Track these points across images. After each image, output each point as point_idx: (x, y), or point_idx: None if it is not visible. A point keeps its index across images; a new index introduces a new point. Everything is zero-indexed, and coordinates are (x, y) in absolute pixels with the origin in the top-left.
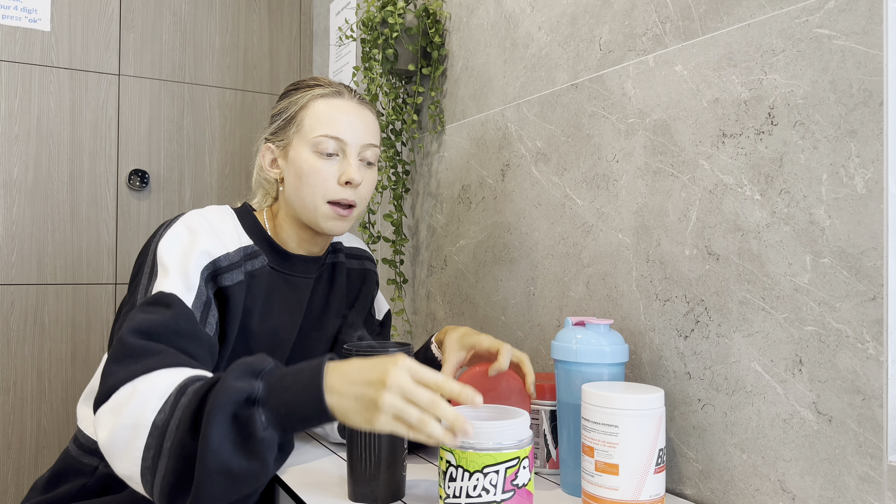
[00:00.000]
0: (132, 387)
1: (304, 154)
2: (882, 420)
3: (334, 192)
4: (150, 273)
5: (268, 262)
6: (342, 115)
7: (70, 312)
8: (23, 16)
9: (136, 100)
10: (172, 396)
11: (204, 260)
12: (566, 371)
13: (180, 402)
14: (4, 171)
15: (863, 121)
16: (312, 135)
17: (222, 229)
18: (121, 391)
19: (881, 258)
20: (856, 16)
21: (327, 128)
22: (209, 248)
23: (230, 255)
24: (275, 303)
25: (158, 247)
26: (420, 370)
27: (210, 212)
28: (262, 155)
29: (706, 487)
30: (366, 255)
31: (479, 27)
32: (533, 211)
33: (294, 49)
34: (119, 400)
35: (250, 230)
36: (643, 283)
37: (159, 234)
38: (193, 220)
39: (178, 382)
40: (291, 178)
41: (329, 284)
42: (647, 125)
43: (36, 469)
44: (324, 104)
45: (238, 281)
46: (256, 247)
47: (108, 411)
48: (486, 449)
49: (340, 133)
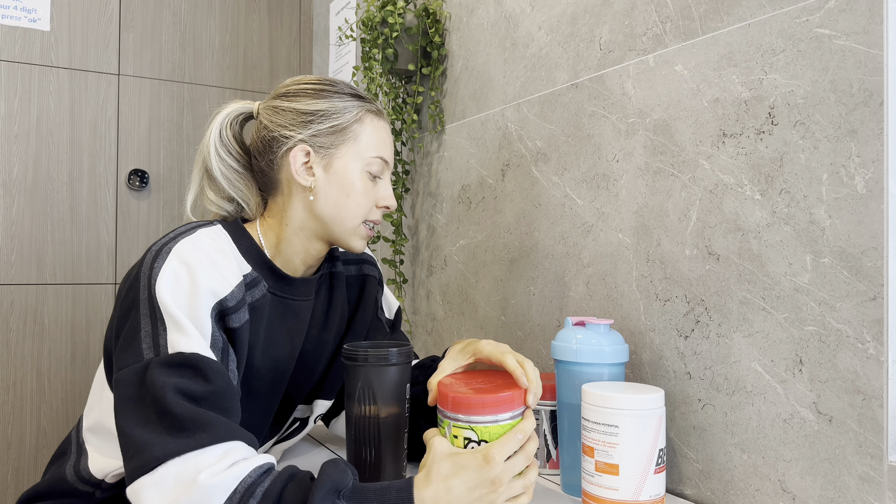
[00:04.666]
0: (184, 467)
1: (356, 171)
2: (882, 420)
3: (373, 214)
4: (154, 319)
5: (268, 289)
6: (389, 138)
7: (70, 312)
8: (22, 15)
9: (135, 100)
10: (238, 496)
11: (210, 301)
12: (566, 371)
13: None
14: (4, 171)
15: (863, 121)
16: (369, 154)
17: (221, 262)
18: (168, 466)
19: (881, 258)
20: (856, 16)
21: (382, 150)
22: (213, 288)
23: (234, 293)
24: (276, 333)
25: (158, 291)
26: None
27: (202, 240)
28: (294, 156)
29: (706, 487)
30: (364, 257)
31: (479, 27)
32: (533, 211)
33: (294, 49)
34: (166, 476)
35: (247, 253)
36: (643, 283)
37: (153, 271)
38: (188, 253)
39: (243, 476)
40: (334, 191)
41: (328, 300)
42: (647, 125)
43: (36, 469)
44: (376, 123)
45: (244, 321)
46: (255, 272)
47: (156, 490)
48: (509, 419)
49: (387, 156)
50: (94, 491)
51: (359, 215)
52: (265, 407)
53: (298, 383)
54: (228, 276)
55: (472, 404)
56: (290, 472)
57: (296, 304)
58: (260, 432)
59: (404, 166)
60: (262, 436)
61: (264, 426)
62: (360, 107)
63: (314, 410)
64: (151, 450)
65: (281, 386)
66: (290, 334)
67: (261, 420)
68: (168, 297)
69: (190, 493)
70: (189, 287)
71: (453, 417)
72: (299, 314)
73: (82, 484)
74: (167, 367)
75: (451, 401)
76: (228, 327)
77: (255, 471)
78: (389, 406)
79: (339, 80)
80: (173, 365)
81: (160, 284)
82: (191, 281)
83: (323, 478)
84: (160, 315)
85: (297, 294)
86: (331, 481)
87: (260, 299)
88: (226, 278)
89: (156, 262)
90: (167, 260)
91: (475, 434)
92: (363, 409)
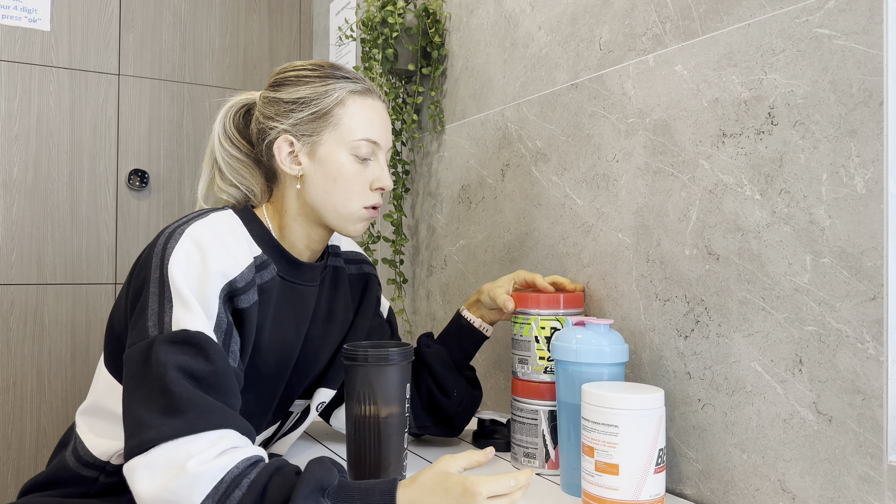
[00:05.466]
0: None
1: (342, 156)
2: (882, 420)
3: (369, 198)
4: (162, 297)
5: (277, 272)
6: (378, 117)
7: (70, 312)
8: (22, 15)
9: (135, 100)
10: (224, 485)
11: (220, 282)
12: (566, 371)
13: (233, 496)
14: (4, 171)
15: (863, 121)
16: (353, 137)
17: (232, 243)
18: (161, 450)
19: (881, 258)
20: (856, 16)
21: (368, 131)
22: (224, 269)
23: (244, 273)
24: (283, 315)
25: (170, 270)
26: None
27: (216, 223)
28: (279, 147)
29: (706, 487)
30: (363, 258)
31: (479, 27)
32: (533, 211)
33: (294, 49)
34: (158, 460)
35: (257, 236)
36: (643, 283)
37: (166, 251)
38: (201, 235)
39: (230, 467)
40: (320, 178)
41: (332, 291)
42: (647, 125)
43: (36, 469)
44: (360, 103)
45: (253, 302)
46: (265, 255)
47: (148, 471)
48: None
49: (378, 137)
50: (98, 476)
51: (350, 200)
52: (270, 391)
53: (302, 371)
54: (239, 258)
55: (557, 301)
56: (276, 465)
57: (302, 288)
58: (264, 417)
59: (404, 166)
60: (266, 421)
61: (268, 411)
62: (343, 88)
63: (315, 399)
64: (147, 432)
65: (286, 370)
66: (296, 318)
67: (265, 404)
68: (179, 275)
69: (178, 479)
70: (200, 268)
71: (538, 313)
72: (305, 299)
73: (85, 468)
74: (171, 343)
75: (544, 300)
76: (237, 308)
77: (244, 462)
78: (389, 406)
79: (328, 63)
80: (177, 342)
81: (172, 263)
82: (202, 262)
83: (308, 475)
84: (169, 293)
85: (303, 279)
86: (315, 479)
87: (269, 281)
88: (236, 260)
89: (169, 243)
90: (180, 240)
91: (559, 323)
92: (363, 409)
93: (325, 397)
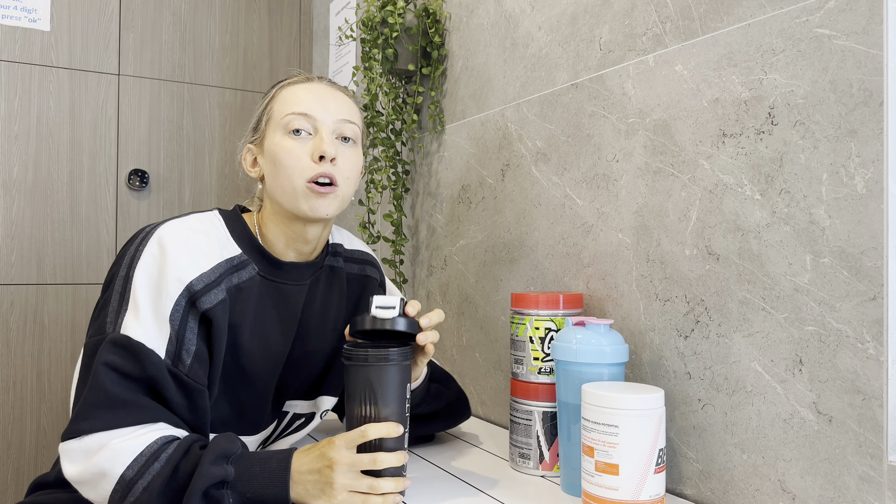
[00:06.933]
0: (106, 438)
1: (276, 138)
2: (882, 420)
3: (310, 170)
4: (123, 297)
5: (257, 271)
6: (311, 94)
7: (70, 312)
8: (22, 15)
9: (135, 100)
10: (144, 458)
11: (176, 290)
12: (566, 371)
13: (152, 467)
14: (4, 171)
15: (863, 121)
16: (281, 116)
17: (198, 244)
18: (93, 437)
19: (881, 258)
20: (856, 16)
21: (294, 106)
22: (181, 274)
23: (205, 275)
24: (266, 314)
25: (135, 273)
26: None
27: (190, 223)
28: (244, 158)
29: (706, 487)
30: (367, 258)
31: (479, 27)
32: (533, 211)
33: (294, 49)
34: (91, 445)
35: (239, 237)
36: (643, 283)
37: (137, 252)
38: (169, 237)
39: (149, 442)
40: (269, 167)
41: (326, 292)
42: (647, 125)
43: (36, 469)
44: (291, 89)
45: (220, 300)
46: (245, 255)
47: (79, 452)
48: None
49: (309, 109)
50: None
51: (293, 176)
52: (261, 389)
53: (294, 370)
54: (201, 260)
55: (555, 302)
56: (191, 440)
57: (287, 288)
58: (260, 416)
59: (404, 166)
60: (264, 420)
61: (263, 410)
62: (278, 86)
63: (319, 406)
64: (82, 422)
65: (275, 369)
66: (281, 318)
67: (258, 403)
68: (140, 281)
69: (103, 454)
70: (158, 277)
71: (535, 314)
72: (290, 298)
73: None
74: (113, 345)
75: (542, 300)
76: (202, 309)
77: (162, 438)
78: (389, 406)
79: (288, 74)
80: (118, 345)
81: (138, 268)
82: (161, 270)
83: (213, 446)
84: (128, 296)
85: (287, 278)
86: (220, 448)
87: (247, 280)
88: (197, 262)
89: (140, 245)
90: (149, 243)
91: (554, 325)
92: (363, 410)
93: (328, 405)
